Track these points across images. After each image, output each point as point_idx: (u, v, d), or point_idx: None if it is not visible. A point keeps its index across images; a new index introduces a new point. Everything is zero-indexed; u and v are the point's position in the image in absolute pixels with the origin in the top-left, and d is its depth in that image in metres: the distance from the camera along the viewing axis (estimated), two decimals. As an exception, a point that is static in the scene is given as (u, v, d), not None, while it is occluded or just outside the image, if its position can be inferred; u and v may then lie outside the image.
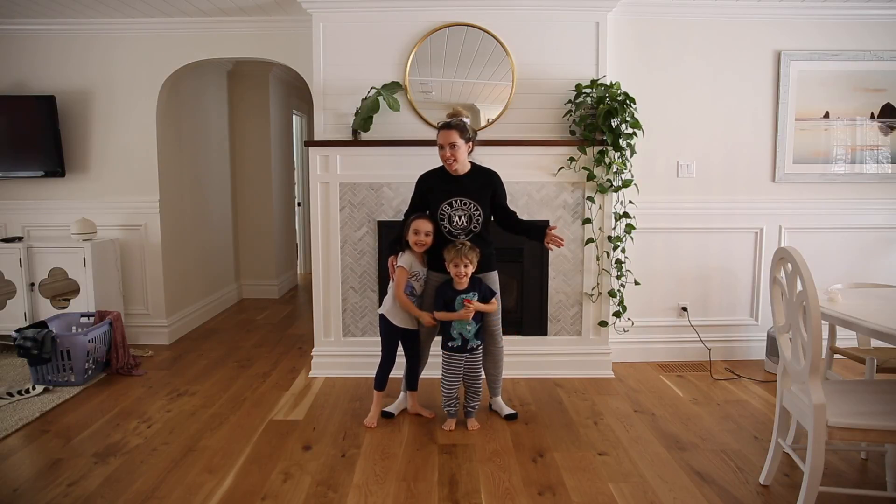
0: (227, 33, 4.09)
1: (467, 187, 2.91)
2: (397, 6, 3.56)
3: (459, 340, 2.87)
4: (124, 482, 2.41)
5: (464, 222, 2.90)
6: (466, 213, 2.89)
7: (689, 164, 3.89)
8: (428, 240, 2.82)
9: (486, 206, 2.94)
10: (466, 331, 2.86)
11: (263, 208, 5.93)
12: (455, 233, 2.91)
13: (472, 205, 2.89)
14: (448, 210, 2.90)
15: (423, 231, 2.82)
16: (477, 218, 2.90)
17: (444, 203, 2.90)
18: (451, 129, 2.85)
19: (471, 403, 2.95)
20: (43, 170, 4.14)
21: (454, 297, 2.84)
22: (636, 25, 3.77)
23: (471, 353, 2.91)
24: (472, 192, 2.91)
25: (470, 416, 2.94)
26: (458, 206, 2.89)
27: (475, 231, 2.92)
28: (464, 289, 2.84)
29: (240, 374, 3.72)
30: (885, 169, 3.94)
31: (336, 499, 2.30)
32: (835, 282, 3.06)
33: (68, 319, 3.78)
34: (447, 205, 2.89)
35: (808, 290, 1.95)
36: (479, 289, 2.88)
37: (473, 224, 2.91)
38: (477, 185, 2.93)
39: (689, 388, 3.49)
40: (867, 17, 3.79)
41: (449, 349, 2.90)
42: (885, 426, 1.95)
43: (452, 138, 2.83)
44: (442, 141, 2.86)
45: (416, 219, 2.84)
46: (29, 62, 4.17)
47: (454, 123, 2.87)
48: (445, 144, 2.85)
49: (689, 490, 2.36)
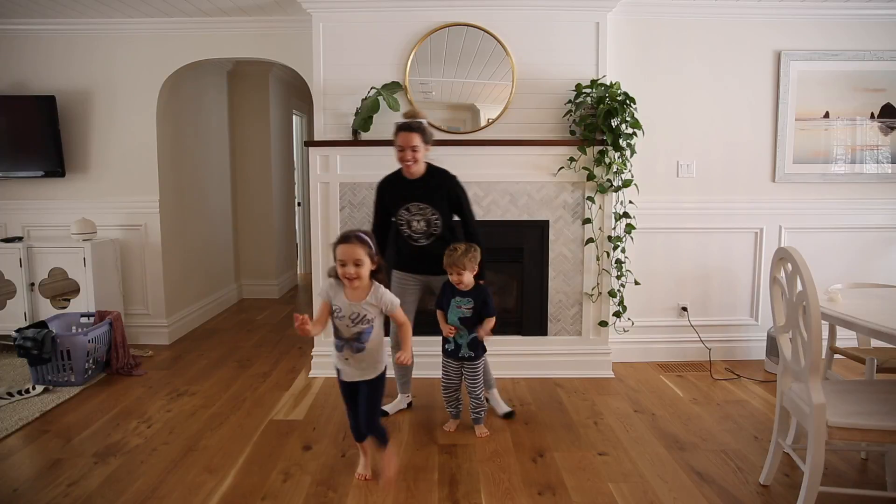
0: (227, 33, 4.09)
1: (423, 191, 2.84)
2: (397, 6, 3.56)
3: (453, 345, 2.84)
4: (124, 482, 2.41)
5: (423, 226, 2.85)
6: (424, 217, 2.84)
7: (689, 164, 3.89)
8: (360, 272, 2.17)
9: (445, 210, 2.86)
10: (458, 336, 2.81)
11: (263, 208, 5.93)
12: (416, 237, 2.88)
13: (428, 209, 2.83)
14: (406, 215, 2.85)
15: (351, 260, 2.16)
16: (435, 222, 2.85)
17: (401, 208, 2.85)
18: (413, 131, 2.75)
19: (475, 410, 2.88)
20: (43, 170, 4.14)
21: (450, 298, 2.82)
22: (636, 25, 3.77)
23: (464, 361, 2.84)
24: (428, 197, 2.83)
25: (477, 422, 2.89)
26: (416, 210, 2.84)
27: (436, 234, 2.87)
28: (464, 292, 2.80)
29: (240, 374, 3.72)
30: (885, 169, 3.94)
31: (336, 499, 2.30)
32: (835, 282, 3.05)
33: (68, 319, 3.78)
34: (405, 210, 2.85)
35: (808, 290, 1.95)
36: (478, 298, 2.80)
37: (433, 228, 2.86)
38: (432, 189, 2.84)
39: (689, 388, 3.49)
40: (867, 17, 3.79)
41: (444, 351, 2.89)
42: (885, 426, 1.95)
43: (414, 141, 2.74)
44: (403, 143, 2.76)
45: (339, 243, 2.19)
46: (29, 62, 4.16)
47: (415, 126, 2.77)
48: (406, 147, 2.75)
49: (689, 490, 2.36)
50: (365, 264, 2.17)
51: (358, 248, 2.17)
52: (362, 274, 2.18)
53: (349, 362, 2.27)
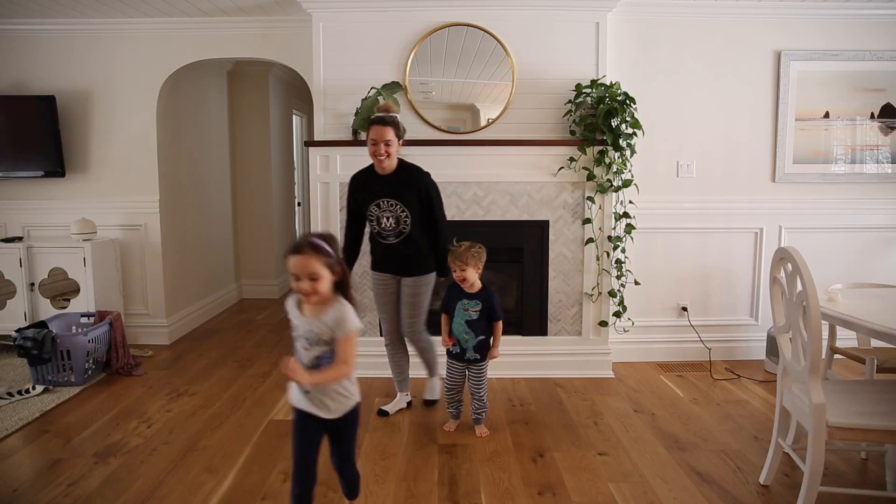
0: (227, 33, 4.09)
1: (393, 187, 2.81)
2: (397, 6, 3.56)
3: (458, 347, 2.83)
4: (124, 482, 2.41)
5: (392, 224, 2.82)
6: (393, 214, 2.81)
7: (689, 164, 3.89)
8: (316, 287, 1.75)
9: (415, 207, 2.83)
10: (464, 339, 2.80)
11: (263, 208, 5.93)
12: (385, 235, 2.85)
13: (398, 206, 2.80)
14: (376, 211, 2.83)
15: (305, 274, 1.74)
16: (405, 220, 2.82)
17: (371, 204, 2.83)
18: (386, 125, 2.74)
19: (476, 411, 2.88)
20: (43, 170, 4.14)
21: (456, 301, 2.80)
22: (636, 25, 3.77)
23: (469, 364, 2.83)
24: (398, 193, 2.80)
25: (478, 423, 2.89)
26: (386, 207, 2.81)
27: (405, 233, 2.84)
28: (470, 294, 2.78)
29: (240, 374, 3.72)
30: (885, 169, 3.94)
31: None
32: (835, 282, 3.05)
33: (68, 319, 3.78)
34: (375, 206, 2.83)
35: (808, 290, 1.95)
36: (485, 301, 2.78)
37: (402, 226, 2.83)
38: (403, 185, 2.82)
39: (689, 388, 3.49)
40: (867, 17, 3.79)
41: (448, 353, 2.87)
42: (885, 426, 1.95)
43: (388, 135, 2.73)
44: (376, 137, 2.74)
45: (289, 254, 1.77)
46: (29, 62, 4.16)
47: (388, 119, 2.76)
48: (380, 141, 2.73)
49: (689, 490, 2.36)
50: (323, 278, 1.76)
51: (312, 259, 1.75)
52: (320, 289, 1.77)
53: (309, 395, 1.83)
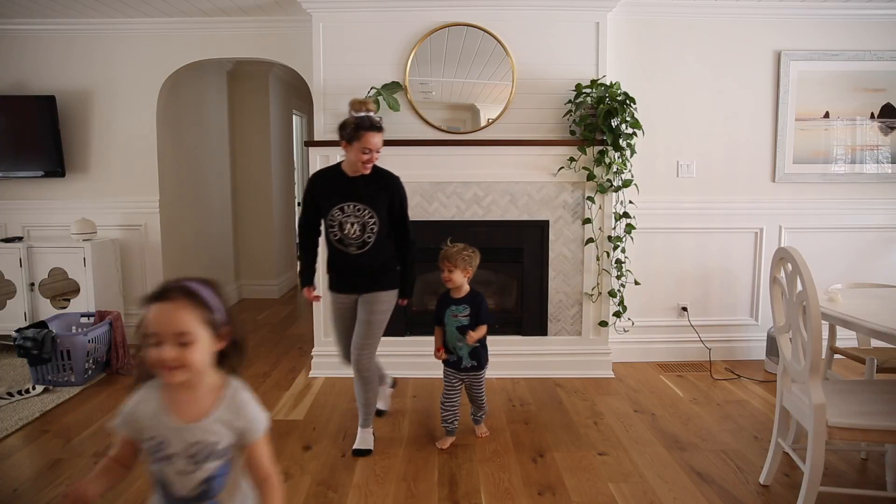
0: (227, 33, 4.09)
1: (362, 191, 2.54)
2: (397, 6, 3.56)
3: (455, 356, 2.72)
4: (124, 482, 2.41)
5: (356, 231, 2.54)
6: (359, 220, 2.54)
7: (689, 164, 3.89)
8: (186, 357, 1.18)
9: (383, 214, 2.58)
10: (458, 347, 2.69)
11: (263, 208, 5.93)
12: (347, 243, 2.57)
13: (366, 211, 2.53)
14: (339, 216, 2.54)
15: (171, 333, 1.17)
16: (371, 227, 2.55)
17: (334, 208, 2.54)
18: (380, 131, 2.49)
19: (476, 413, 2.83)
20: (43, 170, 4.14)
21: (445, 308, 2.70)
22: (636, 25, 3.77)
23: (467, 372, 2.72)
24: (367, 197, 2.54)
25: (477, 423, 2.85)
26: (351, 211, 2.53)
27: (370, 242, 2.57)
28: (457, 299, 2.68)
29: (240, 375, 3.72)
30: (885, 169, 3.94)
31: (336, 499, 2.30)
32: (835, 282, 3.05)
33: (68, 319, 3.78)
34: (338, 210, 2.54)
35: (808, 290, 1.95)
36: (473, 304, 2.67)
37: (367, 234, 2.56)
38: (373, 189, 2.56)
39: (689, 388, 3.49)
40: (867, 17, 3.79)
41: (445, 363, 2.76)
42: (885, 426, 1.95)
43: (380, 143, 2.50)
44: (370, 145, 2.46)
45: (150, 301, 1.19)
46: (29, 62, 4.16)
47: (379, 125, 2.49)
48: (373, 150, 2.48)
49: (689, 490, 2.36)
50: (199, 342, 1.16)
51: (184, 311, 1.17)
52: (191, 360, 1.16)
53: None
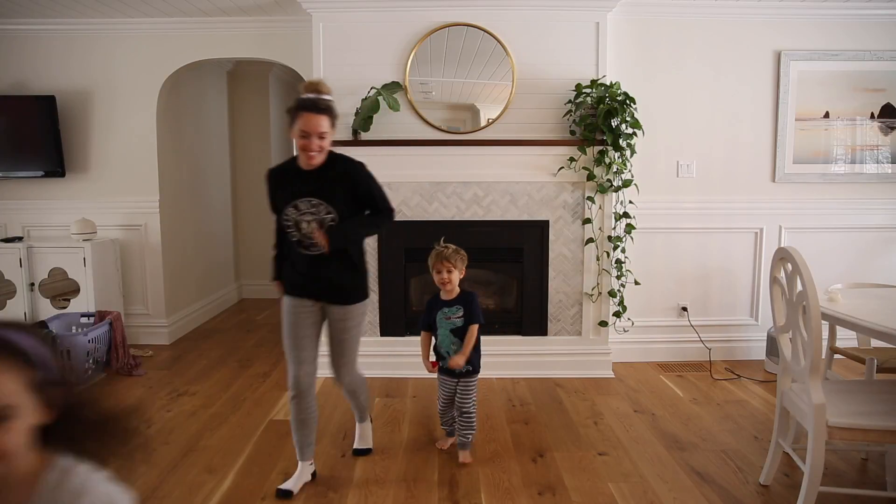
0: (227, 33, 4.09)
1: (317, 184, 2.21)
2: (397, 6, 3.56)
3: (447, 360, 2.55)
4: (124, 482, 2.41)
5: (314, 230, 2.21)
6: (316, 217, 2.20)
7: (689, 164, 3.89)
8: None
9: (343, 208, 2.23)
10: (452, 351, 2.54)
11: (263, 208, 5.83)
12: (307, 243, 2.25)
13: (321, 206, 2.20)
14: (294, 214, 2.21)
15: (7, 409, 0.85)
16: (329, 224, 2.22)
17: (288, 206, 2.22)
18: (321, 112, 2.11)
19: (462, 433, 2.60)
20: (43, 170, 4.14)
21: (436, 311, 2.57)
22: (636, 25, 3.77)
23: (460, 377, 2.56)
24: (323, 190, 2.20)
25: (463, 447, 2.61)
26: (306, 208, 2.20)
27: None
28: (449, 301, 2.55)
29: (240, 374, 3.72)
30: (885, 169, 3.94)
31: (336, 499, 2.30)
32: (835, 282, 3.05)
33: (68, 319, 3.78)
34: (293, 208, 2.21)
35: (808, 290, 1.95)
36: (466, 304, 2.53)
37: None
38: (329, 182, 2.22)
39: (689, 388, 3.49)
40: (867, 17, 3.79)
41: (440, 369, 2.62)
42: (885, 426, 1.95)
43: (322, 126, 2.11)
44: (308, 128, 2.10)
45: None
46: (29, 62, 4.16)
47: (323, 105, 2.13)
48: (313, 133, 2.11)
49: (689, 490, 2.36)
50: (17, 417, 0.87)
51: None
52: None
53: None
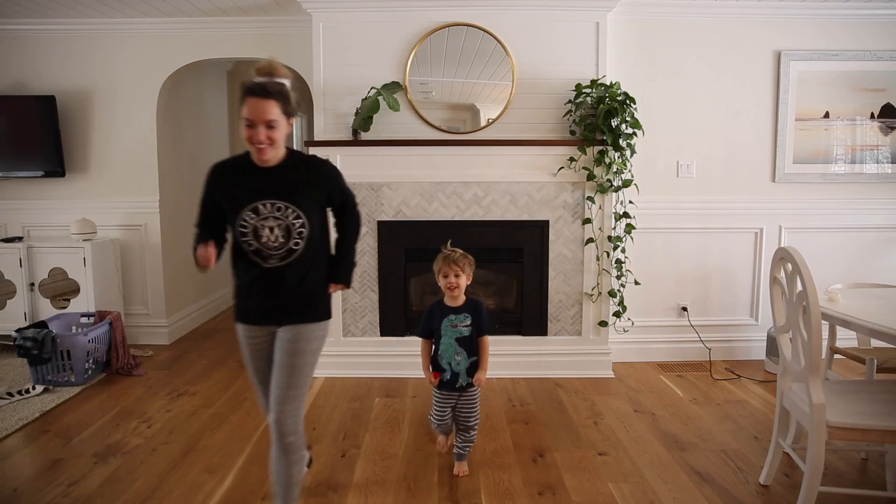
0: (227, 33, 4.09)
1: (283, 183, 1.88)
2: (397, 6, 3.56)
3: (449, 373, 2.36)
4: (124, 482, 2.41)
5: (278, 237, 1.87)
6: (282, 223, 1.87)
7: (689, 164, 3.89)
8: None
9: (314, 214, 1.92)
10: (456, 362, 2.35)
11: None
12: (266, 254, 1.89)
13: (289, 211, 1.87)
14: (253, 220, 1.86)
15: None
16: (299, 230, 1.89)
17: (246, 209, 1.87)
18: (269, 96, 1.77)
19: (460, 444, 2.48)
20: (43, 170, 4.14)
21: (441, 318, 2.36)
22: (636, 25, 3.77)
23: (462, 390, 2.38)
24: (290, 192, 1.88)
25: (460, 459, 2.50)
26: (269, 212, 1.86)
27: (297, 250, 1.91)
28: (456, 308, 2.37)
29: (240, 374, 3.72)
30: (885, 169, 3.94)
31: (336, 499, 2.30)
32: (835, 282, 3.05)
33: (68, 319, 3.78)
34: (251, 212, 1.86)
35: (808, 290, 1.95)
36: (475, 312, 2.36)
37: (294, 239, 1.89)
38: (298, 181, 1.90)
39: (689, 388, 3.49)
40: (867, 17, 3.79)
41: (440, 382, 2.39)
42: (885, 426, 1.95)
43: (270, 113, 1.77)
44: (253, 115, 1.77)
45: None
46: (29, 62, 4.16)
47: (272, 88, 1.78)
48: (259, 122, 1.77)
49: (689, 490, 2.36)
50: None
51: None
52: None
53: None
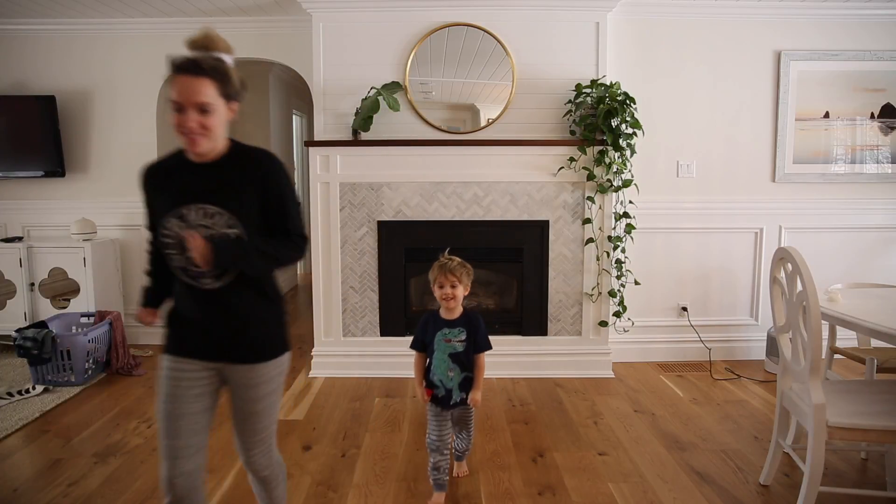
0: (227, 33, 3.97)
1: (215, 182, 1.53)
2: (397, 6, 3.56)
3: (442, 389, 2.21)
4: (124, 482, 2.41)
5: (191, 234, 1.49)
6: (213, 232, 1.51)
7: (689, 164, 3.89)
8: None
9: (253, 218, 1.56)
10: (448, 378, 2.20)
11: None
12: (195, 273, 1.54)
13: (220, 217, 1.51)
14: (178, 227, 1.52)
15: None
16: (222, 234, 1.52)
17: (170, 215, 1.52)
18: (203, 74, 1.48)
19: (461, 449, 2.43)
20: (43, 170, 4.14)
21: (434, 332, 2.21)
22: (636, 25, 3.77)
23: (454, 406, 2.24)
24: (224, 193, 1.53)
25: (460, 459, 2.47)
26: (197, 218, 1.51)
27: None
28: (451, 321, 2.20)
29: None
30: (885, 169, 3.94)
31: (336, 499, 2.30)
32: (835, 282, 3.05)
33: (68, 319, 3.78)
34: (177, 218, 1.52)
35: (808, 290, 1.95)
36: (471, 326, 2.20)
37: None
38: (234, 181, 1.54)
39: (689, 388, 3.49)
40: (867, 17, 3.79)
41: (433, 399, 2.24)
42: (885, 426, 1.95)
43: (203, 94, 1.47)
44: (182, 97, 1.46)
45: None
46: (29, 62, 4.16)
47: (206, 64, 1.50)
48: (189, 105, 1.46)
49: (689, 490, 2.36)
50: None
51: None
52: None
53: None
